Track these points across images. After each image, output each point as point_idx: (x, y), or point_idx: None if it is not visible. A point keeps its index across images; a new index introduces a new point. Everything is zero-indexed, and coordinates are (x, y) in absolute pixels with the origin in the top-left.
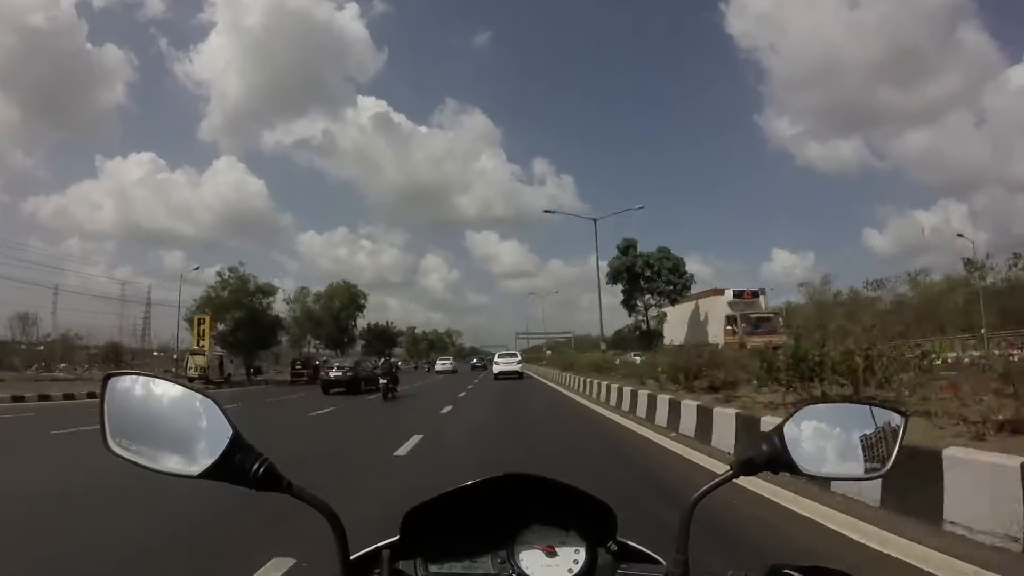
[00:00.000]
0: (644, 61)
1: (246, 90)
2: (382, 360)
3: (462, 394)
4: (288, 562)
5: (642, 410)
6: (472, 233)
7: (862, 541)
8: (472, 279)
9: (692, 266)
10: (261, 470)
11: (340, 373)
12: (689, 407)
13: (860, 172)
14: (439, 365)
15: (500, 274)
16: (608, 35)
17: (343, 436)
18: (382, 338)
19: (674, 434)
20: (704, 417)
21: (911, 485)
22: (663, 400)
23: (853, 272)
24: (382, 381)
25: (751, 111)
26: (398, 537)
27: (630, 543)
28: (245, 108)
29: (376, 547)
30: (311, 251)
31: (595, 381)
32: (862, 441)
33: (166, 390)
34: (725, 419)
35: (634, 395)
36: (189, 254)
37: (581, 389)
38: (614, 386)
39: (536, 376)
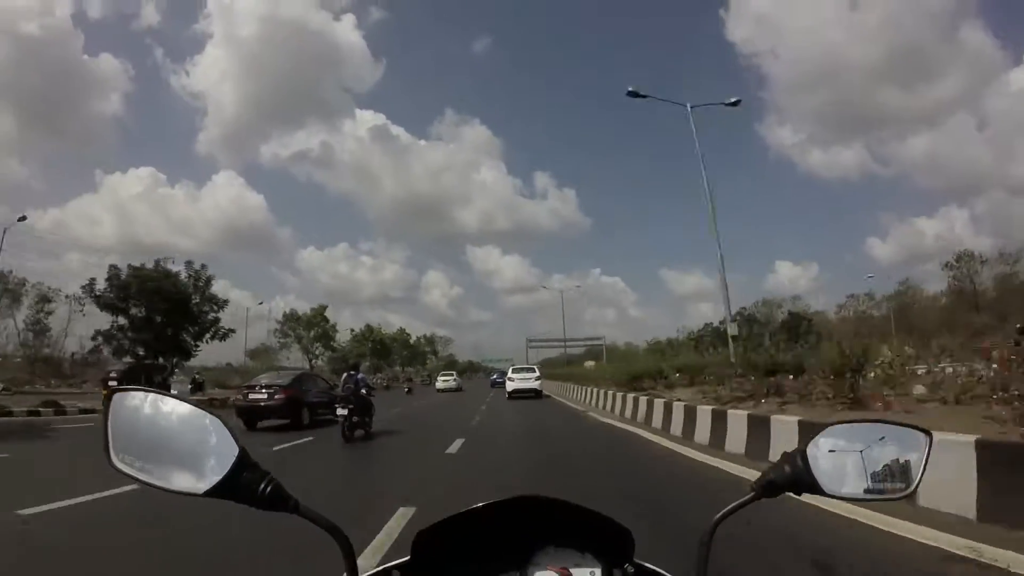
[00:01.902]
0: (644, 72)
1: (244, 103)
2: (344, 376)
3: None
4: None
5: None
6: (473, 248)
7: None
8: (474, 294)
9: (694, 280)
10: (268, 489)
11: (267, 395)
12: None
13: (861, 179)
14: (440, 382)
15: (502, 289)
16: (609, 46)
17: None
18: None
19: None
20: None
21: None
22: None
23: (856, 282)
24: (340, 411)
25: (752, 119)
26: (409, 557)
27: (647, 565)
28: (244, 121)
29: (387, 567)
30: (311, 266)
31: None
32: (887, 460)
33: (172, 407)
34: None
35: None
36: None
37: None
38: None
39: (566, 401)
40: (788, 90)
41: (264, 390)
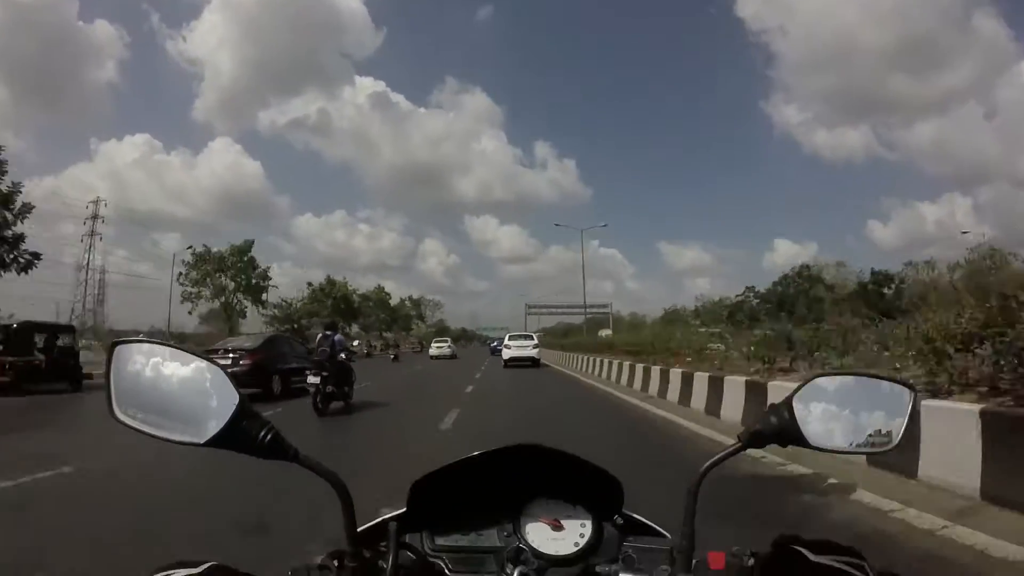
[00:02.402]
0: (650, 44)
1: (242, 69)
2: (319, 337)
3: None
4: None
5: None
6: (471, 217)
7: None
8: (471, 264)
9: (692, 254)
10: (268, 437)
11: (231, 360)
12: None
13: (866, 162)
14: (434, 348)
15: (499, 259)
16: (614, 16)
17: None
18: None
19: None
20: None
21: None
22: None
23: (856, 264)
24: (312, 379)
25: (758, 96)
26: (405, 509)
27: (636, 516)
28: (241, 87)
29: (383, 519)
30: (308, 234)
31: None
32: (871, 414)
33: (173, 357)
34: None
35: None
36: (186, 236)
37: None
38: None
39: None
40: (796, 70)
41: (228, 355)
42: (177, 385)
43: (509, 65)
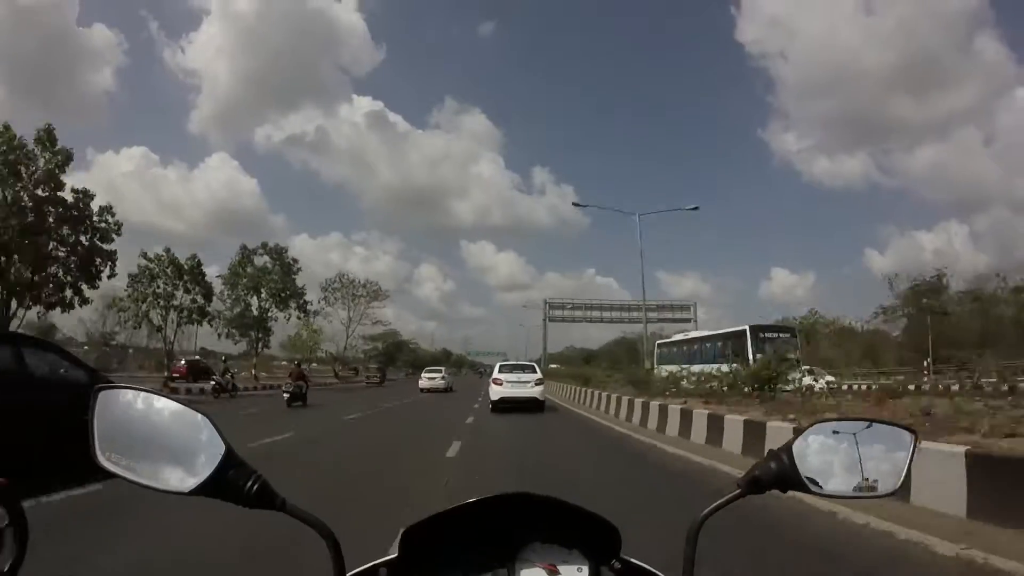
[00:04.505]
0: (649, 69)
1: (240, 82)
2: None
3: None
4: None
5: None
6: (468, 243)
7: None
8: (467, 290)
9: (689, 284)
10: (255, 487)
11: None
12: None
13: (864, 191)
14: (425, 379)
15: (496, 286)
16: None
17: None
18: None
19: None
20: None
21: None
22: None
23: (852, 294)
24: None
25: (756, 124)
26: (396, 555)
27: (634, 561)
28: (239, 102)
29: (374, 564)
30: (303, 255)
31: None
32: (873, 458)
33: (158, 404)
34: None
35: None
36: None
37: None
38: None
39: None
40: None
41: None
42: (162, 432)
43: (509, 86)
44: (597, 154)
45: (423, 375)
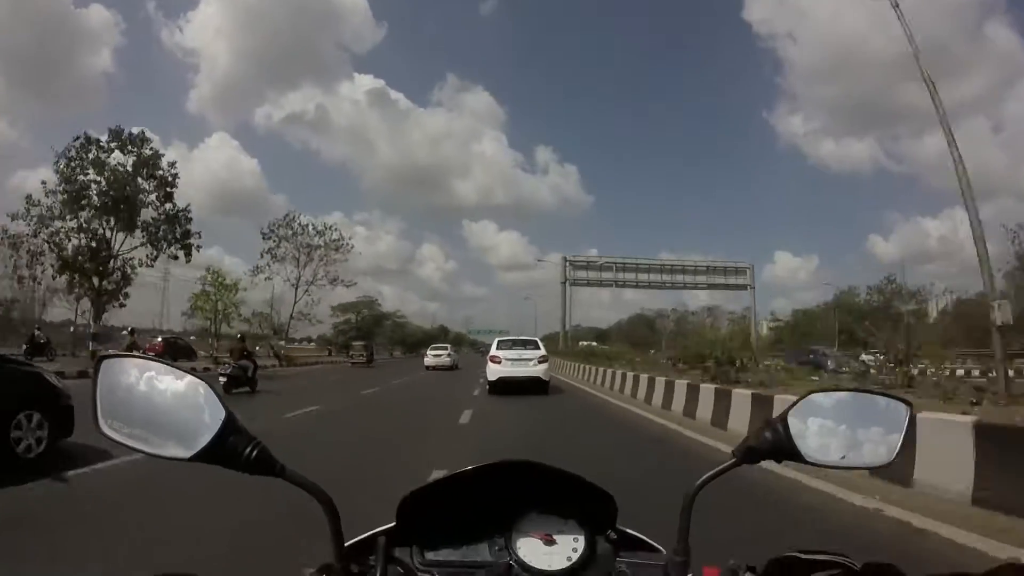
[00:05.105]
0: (656, 50)
1: (239, 61)
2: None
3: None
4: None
5: None
6: (470, 223)
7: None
8: (469, 269)
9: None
10: (254, 453)
11: None
12: None
13: (871, 176)
14: (430, 356)
15: (497, 265)
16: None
17: None
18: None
19: None
20: None
21: None
22: None
23: (855, 278)
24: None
25: (762, 105)
26: (394, 523)
27: (630, 531)
28: (239, 81)
29: (372, 533)
30: None
31: None
32: (867, 429)
33: (159, 372)
34: None
35: None
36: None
37: None
38: None
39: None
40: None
41: None
42: (163, 400)
43: (512, 63)
44: (601, 134)
45: (428, 352)
